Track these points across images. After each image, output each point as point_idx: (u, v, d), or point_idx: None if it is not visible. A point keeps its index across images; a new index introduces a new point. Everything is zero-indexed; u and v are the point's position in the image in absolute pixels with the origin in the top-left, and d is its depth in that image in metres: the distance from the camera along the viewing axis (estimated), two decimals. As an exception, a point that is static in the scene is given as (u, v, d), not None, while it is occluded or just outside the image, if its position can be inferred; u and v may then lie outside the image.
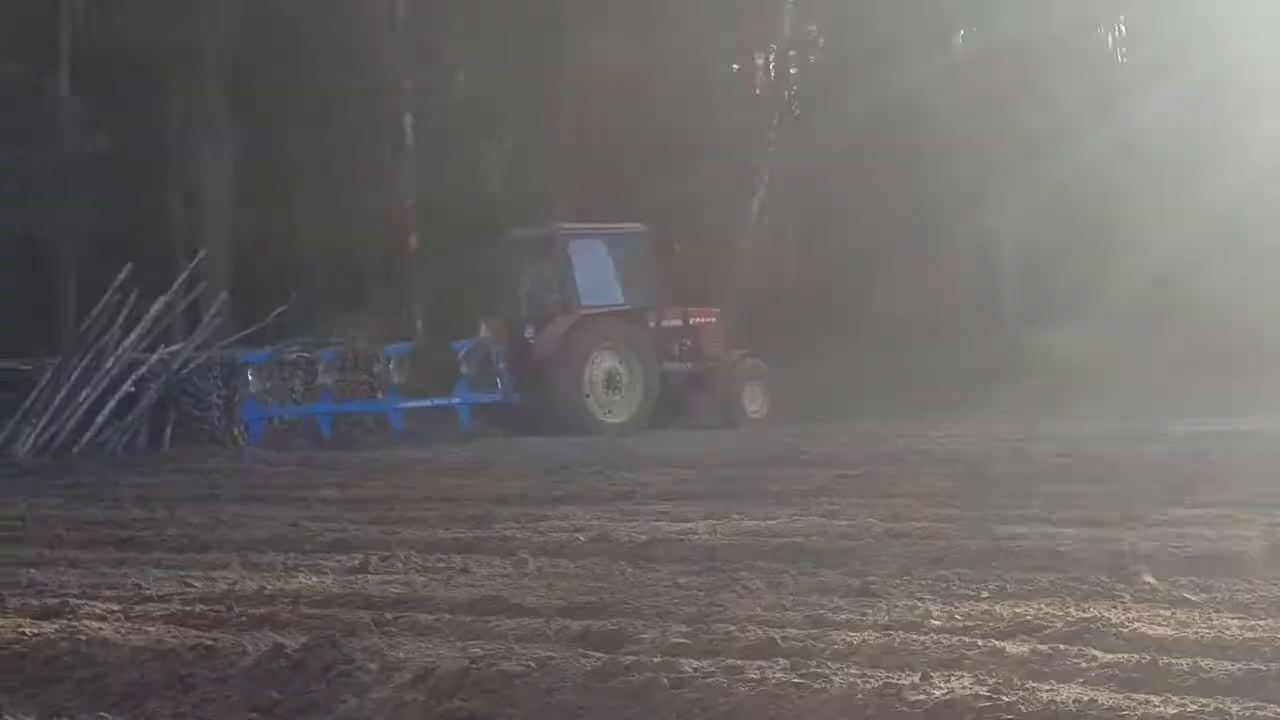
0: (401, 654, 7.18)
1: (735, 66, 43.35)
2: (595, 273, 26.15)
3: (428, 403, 25.39)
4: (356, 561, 10.52)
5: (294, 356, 26.63)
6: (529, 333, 26.11)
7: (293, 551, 11.41)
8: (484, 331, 25.93)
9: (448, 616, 8.21)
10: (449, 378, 25.37)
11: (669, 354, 26.75)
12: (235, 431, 25.10)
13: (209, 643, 7.49)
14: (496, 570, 9.97)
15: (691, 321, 27.02)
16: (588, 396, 25.57)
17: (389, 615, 8.26)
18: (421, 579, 9.70)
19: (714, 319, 27.63)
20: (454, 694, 6.53)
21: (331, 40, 35.51)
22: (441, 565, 10.25)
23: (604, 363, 25.69)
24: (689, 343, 26.98)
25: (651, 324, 26.45)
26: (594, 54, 34.66)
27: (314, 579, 9.94)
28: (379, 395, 26.63)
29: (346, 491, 16.27)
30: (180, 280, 27.34)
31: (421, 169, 35.39)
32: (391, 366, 25.73)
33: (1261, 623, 7.13)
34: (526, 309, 26.69)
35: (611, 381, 25.72)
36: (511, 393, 25.47)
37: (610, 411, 25.65)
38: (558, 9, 35.00)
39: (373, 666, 6.95)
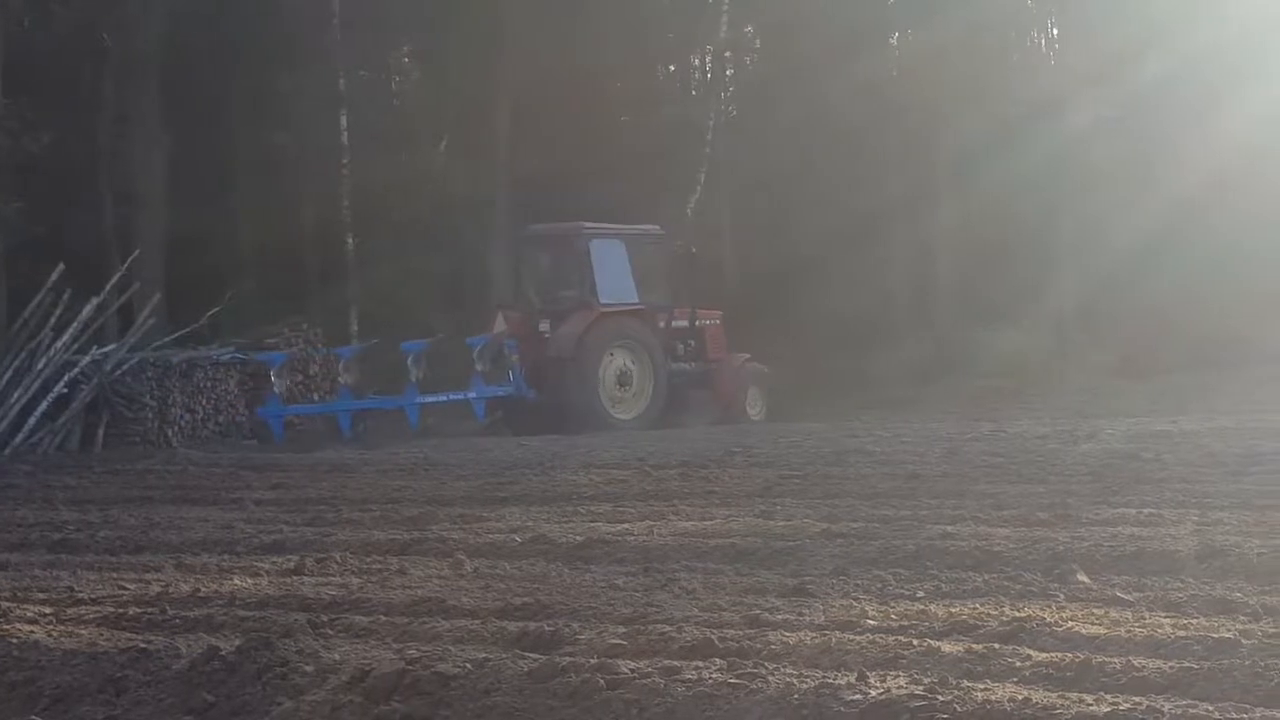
0: (337, 656, 7.16)
1: (672, 68, 43.42)
2: (613, 272, 26.29)
3: (444, 397, 25.57)
4: (292, 563, 10.48)
5: (227, 358, 26.52)
6: (544, 327, 26.26)
7: (227, 553, 11.35)
8: (499, 325, 26.00)
9: (384, 618, 8.19)
10: (465, 372, 25.63)
11: (675, 354, 27.09)
12: (169, 433, 25.01)
13: (142, 645, 7.46)
14: (433, 571, 9.94)
15: (697, 323, 27.22)
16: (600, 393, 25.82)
17: (325, 617, 8.23)
18: (358, 580, 9.67)
19: (718, 321, 27.82)
20: (390, 696, 6.51)
21: (267, 39, 35.33)
22: (378, 567, 10.22)
23: (617, 360, 25.96)
24: (693, 343, 27.29)
25: (661, 324, 26.73)
26: (533, 54, 34.62)
27: (249, 581, 9.89)
28: (315, 397, 26.66)
29: (284, 493, 16.18)
30: (113, 281, 27.16)
31: (359, 168, 35.25)
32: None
33: (1193, 621, 7.19)
34: (542, 303, 26.85)
35: (623, 379, 25.99)
36: (525, 387, 25.63)
37: (620, 408, 25.91)
38: (497, 9, 34.92)
39: (308, 669, 6.92)
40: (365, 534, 12.02)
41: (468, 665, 6.69)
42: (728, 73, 42.61)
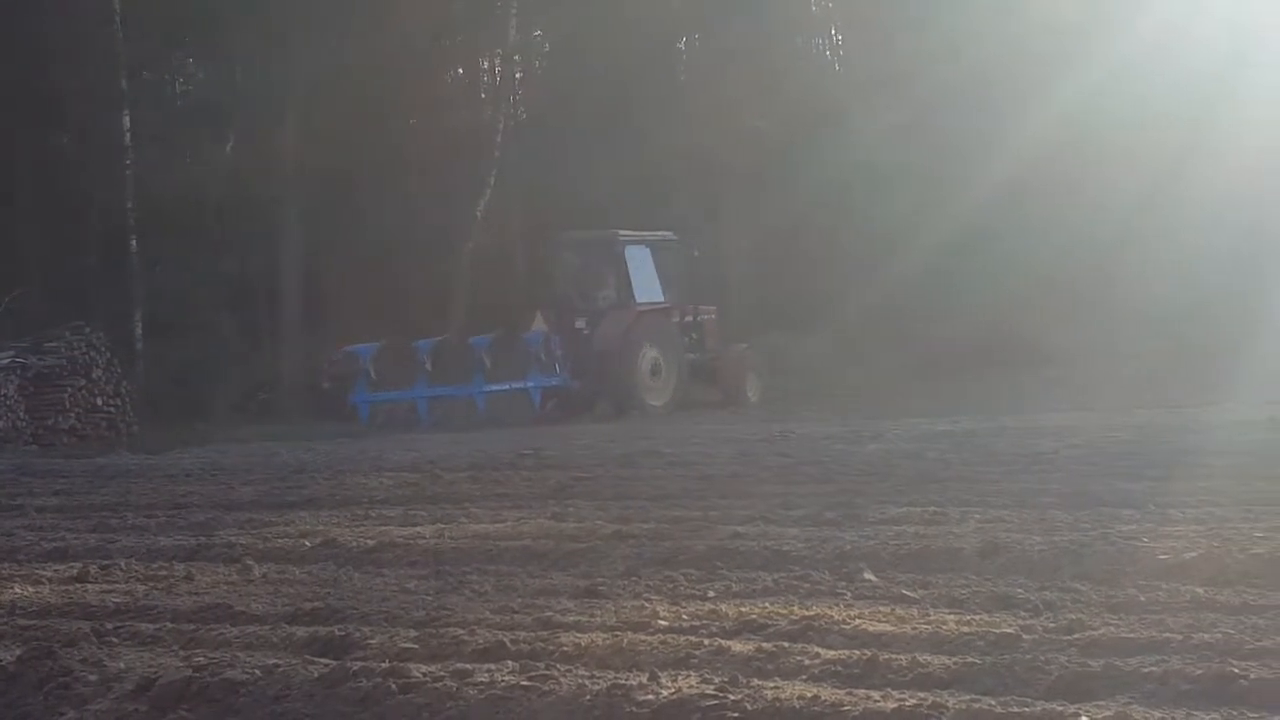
0: (122, 664, 7.04)
1: (461, 70, 43.30)
2: (644, 274, 29.23)
3: (506, 386, 27.51)
4: (75, 570, 10.27)
5: (6, 362, 25.94)
6: (580, 324, 28.79)
7: (8, 561, 11.09)
8: (539, 323, 28.32)
9: (170, 625, 8.07)
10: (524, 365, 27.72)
11: (685, 346, 29.76)
12: None
13: (-81, 657, 7.27)
14: (221, 577, 9.80)
15: (700, 317, 30.16)
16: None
17: (109, 625, 8.09)
18: (143, 587, 9.51)
19: (714, 315, 30.63)
20: (177, 704, 6.42)
21: (47, 38, 34.59)
22: (164, 573, 10.06)
23: (650, 353, 28.56)
24: (696, 336, 30.09)
25: (676, 319, 29.60)
26: (321, 56, 34.29)
27: (30, 589, 9.67)
28: (99, 401, 26.32)
29: (67, 499, 15.86)
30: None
31: (143, 169, 34.63)
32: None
33: (976, 617, 7.33)
34: (580, 303, 29.33)
35: (655, 369, 28.58)
36: (570, 379, 28.10)
37: (653, 396, 28.37)
38: (285, 9, 34.55)
39: (92, 678, 6.80)
40: (151, 540, 11.82)
41: (256, 672, 6.61)
42: (517, 76, 42.59)
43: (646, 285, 29.17)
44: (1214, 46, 31.24)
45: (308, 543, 11.01)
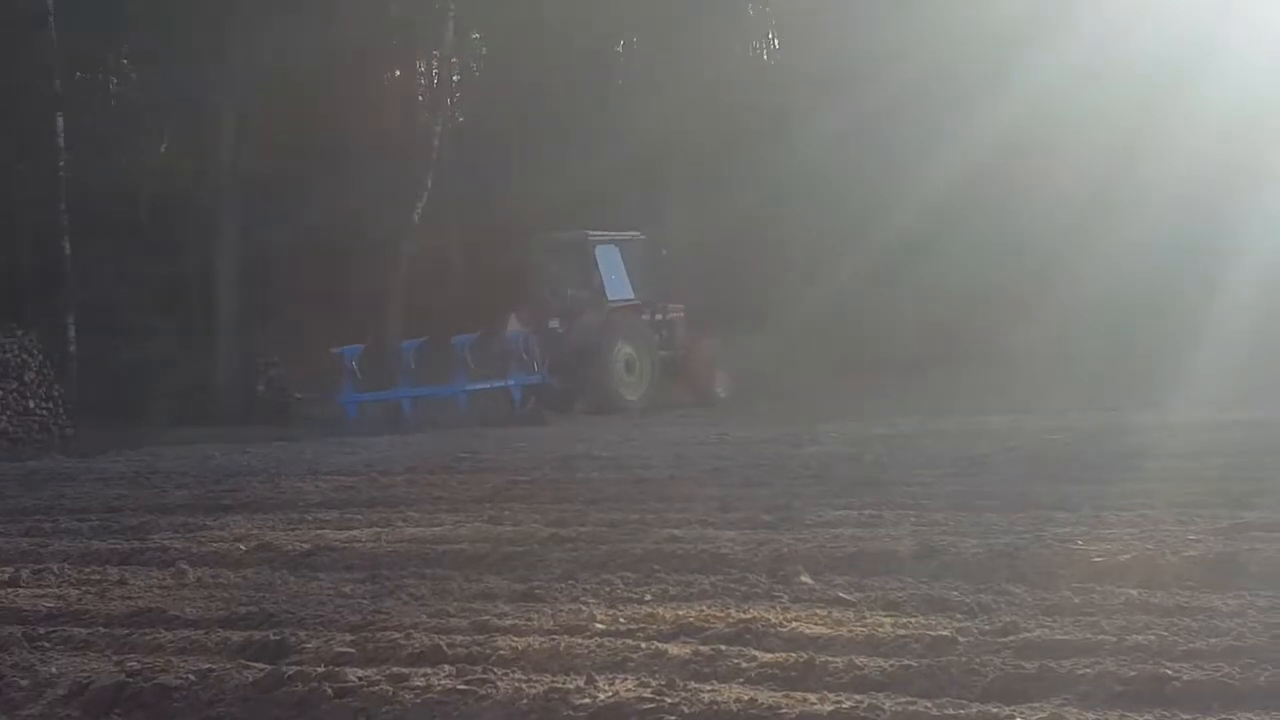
0: (54, 669, 6.99)
1: (398, 73, 43.18)
2: (614, 273, 29.84)
3: (487, 385, 28.07)
4: (7, 575, 10.17)
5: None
6: (554, 324, 29.33)
7: (-61, 566, 10.98)
8: (513, 323, 28.89)
9: (103, 630, 8.00)
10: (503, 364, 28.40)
11: (657, 343, 30.34)
12: None
13: None
14: (155, 581, 9.74)
15: (669, 315, 30.64)
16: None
17: (41, 630, 8.03)
18: (76, 592, 9.43)
19: (683, 313, 31.06)
20: (110, 709, 6.38)
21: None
22: (97, 577, 9.98)
23: (624, 349, 29.22)
24: (666, 333, 30.60)
25: (646, 316, 30.15)
26: (257, 57, 34.10)
27: (-39, 594, 9.59)
28: (31, 404, 26.18)
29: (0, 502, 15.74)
30: None
31: (77, 171, 34.33)
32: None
33: (912, 619, 7.36)
34: (556, 302, 29.80)
35: (629, 365, 29.24)
36: (549, 375, 28.75)
37: (628, 391, 28.98)
38: (220, 7, 34.33)
39: (24, 683, 6.75)
40: (84, 544, 11.74)
41: (190, 677, 6.57)
42: (454, 79, 42.49)
43: (617, 284, 29.77)
44: (1157, 51, 31.47)
45: (243, 546, 10.95)
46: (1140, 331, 28.77)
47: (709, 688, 6.08)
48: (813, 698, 5.88)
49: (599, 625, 7.50)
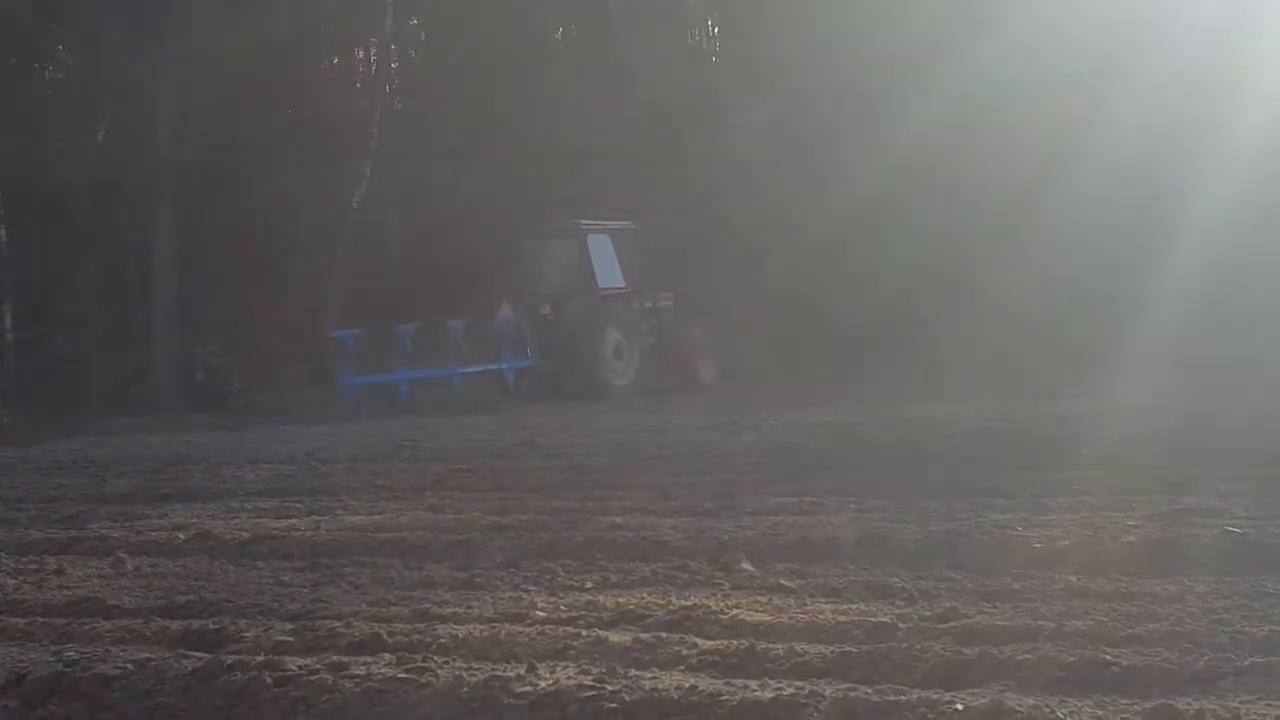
0: (-9, 660, 6.93)
1: (335, 60, 42.97)
2: (605, 261, 30.43)
3: (481, 368, 28.67)
4: (-57, 565, 10.10)
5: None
6: (545, 310, 29.87)
7: (-128, 557, 10.88)
8: (505, 309, 29.51)
9: (41, 620, 7.95)
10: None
11: (646, 330, 30.87)
12: None
13: None
14: (93, 571, 9.68)
15: (659, 303, 31.13)
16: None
17: (-23, 620, 7.96)
18: (13, 581, 9.36)
19: (671, 301, 31.47)
20: (48, 700, 6.34)
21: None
22: (35, 567, 9.91)
23: (613, 336, 29.77)
24: (654, 320, 31.06)
25: (636, 304, 30.64)
26: (195, 42, 33.86)
27: (-104, 584, 9.50)
28: None
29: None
30: None
31: (9, 158, 34.02)
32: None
33: (852, 606, 7.38)
34: (543, 290, 30.35)
35: (618, 352, 29.82)
36: (540, 360, 29.38)
37: (617, 377, 29.50)
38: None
39: (-40, 674, 6.69)
40: (21, 534, 11.65)
41: (129, 666, 6.54)
42: (393, 66, 42.29)
43: (608, 271, 30.37)
44: (1089, 45, 31.59)
45: (181, 535, 10.89)
46: (1077, 319, 28.92)
47: (650, 675, 6.08)
48: (754, 685, 5.89)
49: (540, 613, 7.49)
